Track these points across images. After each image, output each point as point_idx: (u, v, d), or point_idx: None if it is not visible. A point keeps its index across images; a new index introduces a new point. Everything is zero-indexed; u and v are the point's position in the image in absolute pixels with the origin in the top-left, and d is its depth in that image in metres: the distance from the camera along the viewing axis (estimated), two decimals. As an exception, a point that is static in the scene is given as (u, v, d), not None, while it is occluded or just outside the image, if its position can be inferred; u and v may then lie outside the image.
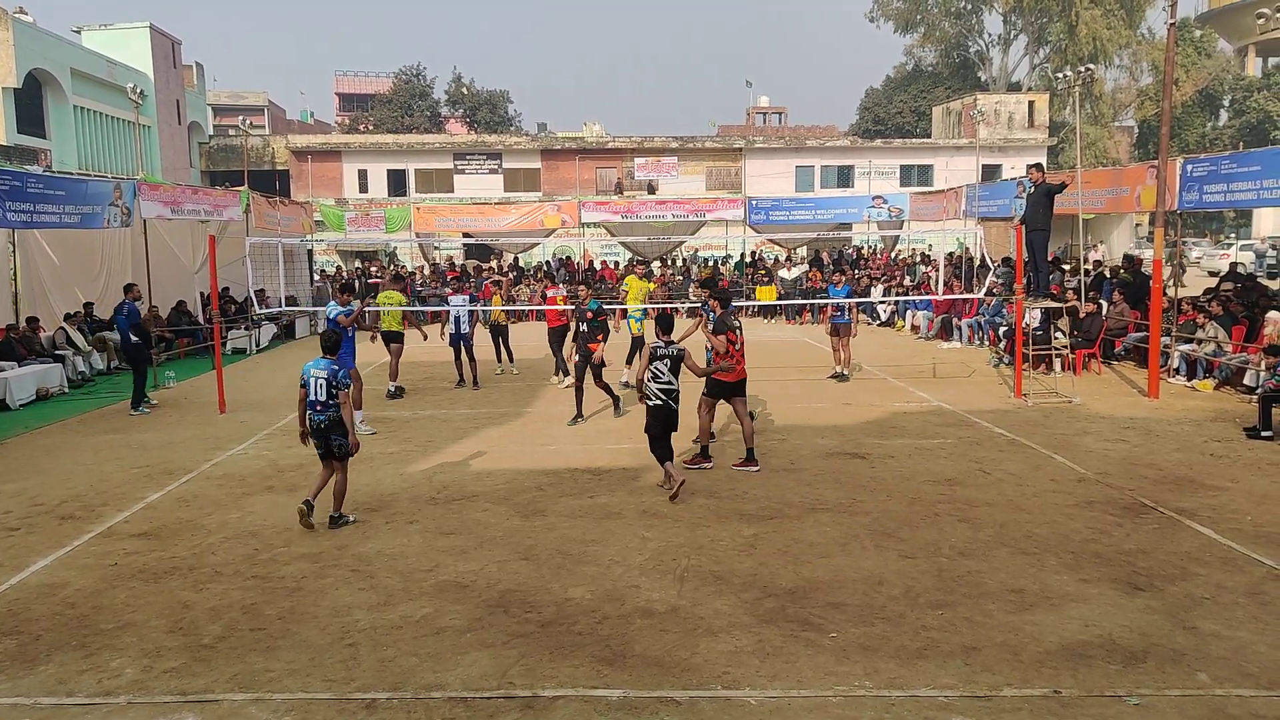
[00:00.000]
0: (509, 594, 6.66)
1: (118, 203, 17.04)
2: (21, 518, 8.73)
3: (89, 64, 35.00)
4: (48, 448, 11.82)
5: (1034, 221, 14.24)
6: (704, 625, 6.08)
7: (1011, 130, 45.20)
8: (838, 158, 43.52)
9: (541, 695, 5.22)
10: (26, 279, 17.84)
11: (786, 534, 7.82)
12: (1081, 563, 7.07)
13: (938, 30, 59.66)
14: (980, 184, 26.62)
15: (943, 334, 21.62)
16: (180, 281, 21.80)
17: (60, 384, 15.95)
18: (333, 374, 7.93)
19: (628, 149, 42.53)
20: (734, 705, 5.10)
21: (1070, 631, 5.89)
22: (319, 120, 69.98)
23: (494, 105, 58.50)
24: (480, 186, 41.37)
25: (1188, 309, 16.36)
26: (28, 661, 5.77)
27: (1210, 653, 5.59)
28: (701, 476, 9.69)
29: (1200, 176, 14.69)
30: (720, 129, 57.87)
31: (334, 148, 42.67)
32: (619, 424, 12.49)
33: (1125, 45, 55.51)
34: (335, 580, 6.99)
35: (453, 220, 32.24)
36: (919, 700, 5.11)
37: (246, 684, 5.41)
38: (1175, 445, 10.80)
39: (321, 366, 7.98)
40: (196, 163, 43.18)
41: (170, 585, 6.96)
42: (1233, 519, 8.06)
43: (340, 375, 7.95)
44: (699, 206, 31.81)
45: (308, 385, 7.99)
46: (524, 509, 8.70)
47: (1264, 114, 57.78)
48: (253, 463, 10.76)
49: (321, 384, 7.92)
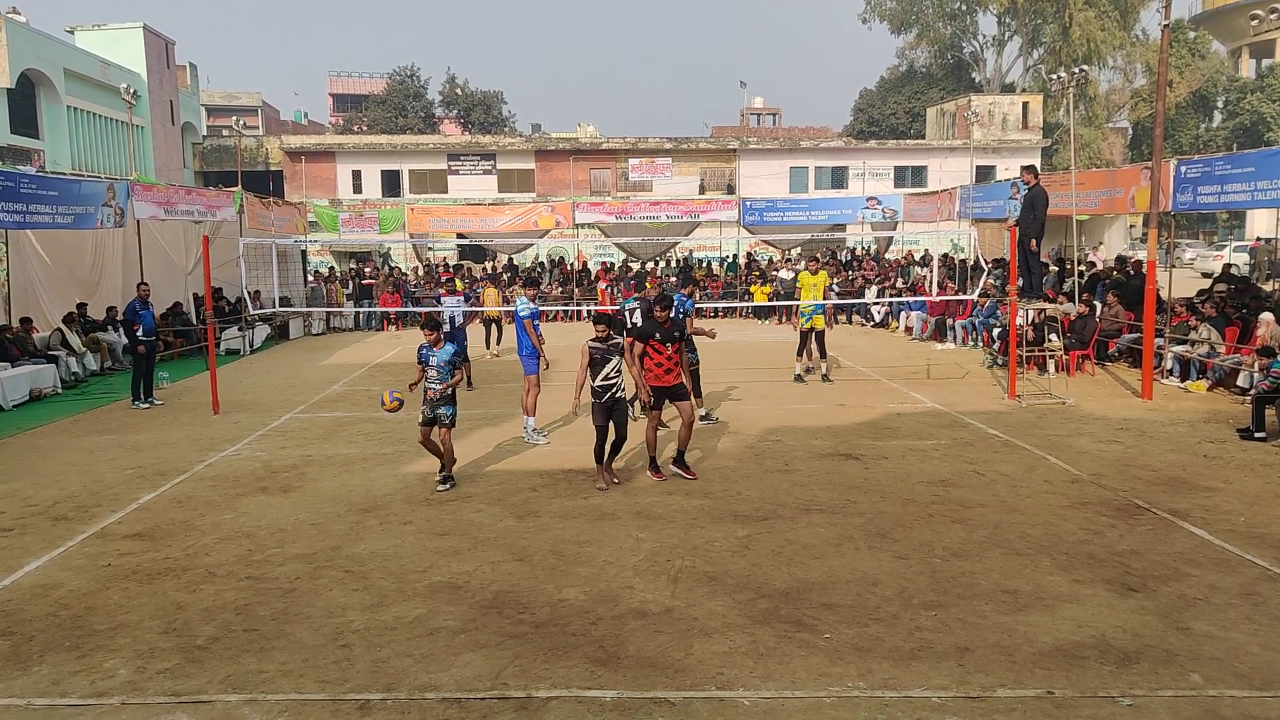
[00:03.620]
0: (503, 595, 6.66)
1: (111, 203, 17.02)
2: (14, 518, 8.71)
3: (82, 64, 34.90)
4: (41, 448, 11.79)
5: (1027, 223, 14.26)
6: (698, 626, 6.09)
7: (1005, 132, 45.28)
8: (832, 159, 43.51)
9: (535, 696, 5.22)
10: (19, 280, 17.79)
11: (780, 535, 7.83)
12: (1075, 564, 7.08)
13: (932, 31, 59.75)
14: (974, 185, 26.66)
15: (936, 335, 21.65)
16: (174, 282, 21.76)
17: (54, 385, 15.90)
18: (453, 356, 9.64)
19: (621, 150, 42.47)
20: (728, 706, 5.10)
21: (1064, 632, 5.90)
22: (313, 121, 69.83)
23: (488, 106, 58.44)
24: (474, 187, 41.30)
25: (1181, 310, 16.41)
26: (21, 662, 5.75)
27: (1203, 653, 5.61)
28: (698, 479, 9.70)
29: (1194, 178, 14.74)
30: (714, 130, 57.90)
31: (328, 148, 42.56)
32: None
33: (1119, 47, 55.62)
34: (329, 581, 6.97)
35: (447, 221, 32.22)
36: (913, 701, 5.11)
37: (240, 685, 5.40)
38: (1169, 446, 10.83)
39: (447, 352, 9.55)
40: (190, 163, 43.08)
41: (164, 586, 6.94)
42: (1226, 520, 8.08)
43: (456, 358, 9.86)
44: (693, 207, 31.83)
45: (426, 363, 9.53)
46: (518, 510, 8.69)
47: (1257, 115, 57.91)
48: (246, 464, 10.73)
49: (445, 366, 9.50)
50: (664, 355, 9.46)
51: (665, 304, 9.66)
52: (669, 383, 9.61)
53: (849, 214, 31.75)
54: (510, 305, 15.70)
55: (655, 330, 9.52)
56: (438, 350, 9.48)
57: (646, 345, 9.50)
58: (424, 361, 9.54)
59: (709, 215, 31.40)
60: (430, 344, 9.50)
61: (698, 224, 31.43)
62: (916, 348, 20.64)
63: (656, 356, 9.47)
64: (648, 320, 9.79)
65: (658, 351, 9.48)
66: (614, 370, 9.37)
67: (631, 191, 41.24)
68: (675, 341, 9.57)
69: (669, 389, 9.65)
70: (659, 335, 9.50)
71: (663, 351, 9.47)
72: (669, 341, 9.51)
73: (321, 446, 11.46)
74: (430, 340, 9.52)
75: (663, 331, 9.53)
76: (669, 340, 9.52)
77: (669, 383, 9.61)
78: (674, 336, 9.56)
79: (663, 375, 9.55)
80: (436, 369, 9.44)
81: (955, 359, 18.38)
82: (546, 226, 31.04)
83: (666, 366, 9.53)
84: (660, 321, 9.55)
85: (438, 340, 9.54)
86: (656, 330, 9.53)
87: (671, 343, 9.52)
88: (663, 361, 9.49)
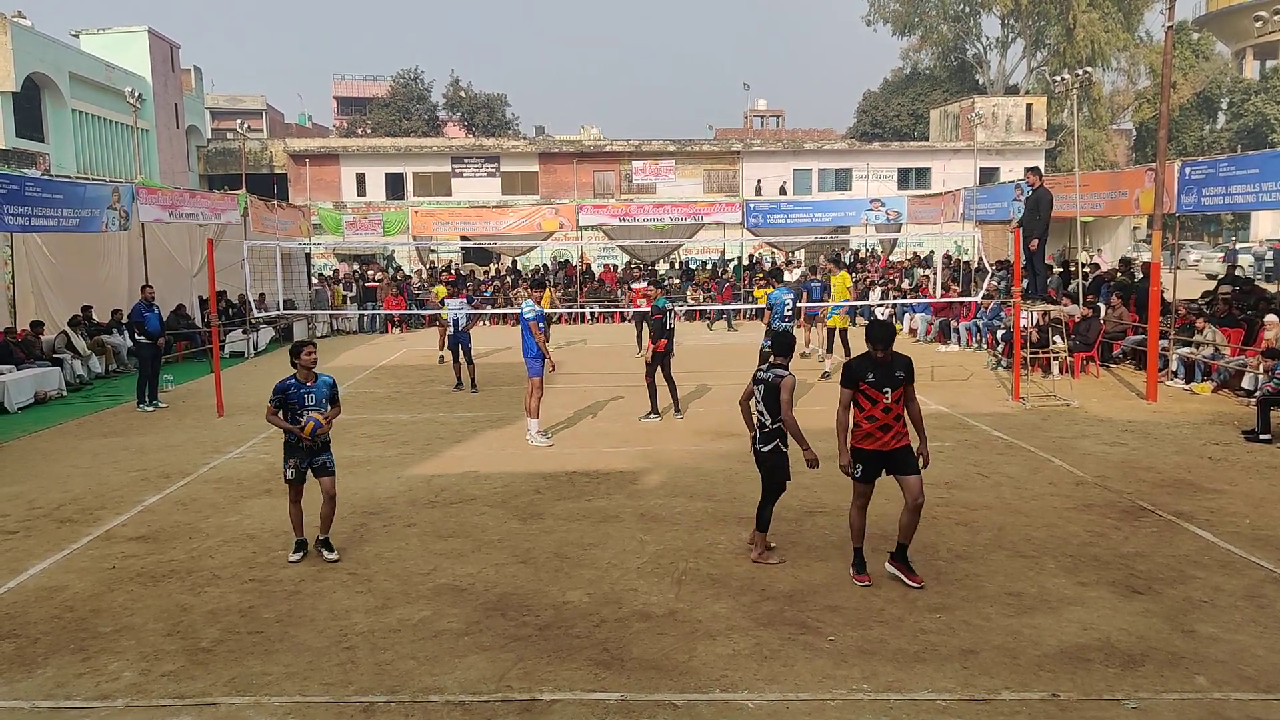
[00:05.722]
0: (507, 597, 6.66)
1: (116, 206, 17.05)
2: (19, 521, 8.72)
3: (87, 68, 35.01)
4: (46, 451, 11.81)
5: (1031, 225, 14.25)
6: (702, 628, 6.08)
7: (1009, 133, 45.29)
8: (835, 160, 43.58)
9: (539, 698, 5.22)
10: (25, 282, 17.83)
11: (784, 538, 7.82)
12: (1080, 566, 7.07)
13: (935, 33, 59.73)
14: (978, 187, 26.64)
15: (941, 337, 21.63)
16: (178, 285, 21.79)
17: (58, 387, 15.93)
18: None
19: (625, 152, 42.57)
20: (732, 708, 5.10)
21: (1068, 635, 5.89)
22: (317, 124, 69.96)
23: (492, 109, 58.49)
24: (478, 190, 41.39)
25: (1184, 312, 16.37)
26: (26, 665, 5.76)
27: (1208, 656, 5.59)
28: (699, 480, 9.69)
29: (1198, 179, 14.72)
30: (718, 132, 57.91)
31: (332, 151, 42.68)
32: (616, 427, 12.49)
33: (1123, 48, 55.59)
34: (333, 583, 6.98)
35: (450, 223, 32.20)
36: (917, 704, 5.10)
37: (244, 687, 5.41)
38: (1173, 448, 10.81)
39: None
40: (194, 166, 43.20)
41: (168, 588, 6.95)
42: (1231, 522, 8.06)
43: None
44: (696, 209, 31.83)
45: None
46: (522, 512, 8.69)
47: (1261, 117, 57.86)
48: (250, 466, 10.75)
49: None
50: (879, 406, 6.70)
51: (885, 336, 6.78)
52: (888, 445, 6.73)
53: (853, 216, 31.72)
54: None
55: (868, 370, 6.77)
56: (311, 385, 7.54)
57: (856, 392, 6.78)
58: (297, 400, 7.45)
59: (712, 217, 31.40)
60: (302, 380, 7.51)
61: (701, 226, 31.45)
62: (921, 349, 20.60)
63: (869, 408, 6.72)
64: (859, 358, 6.96)
65: (871, 400, 6.72)
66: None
67: (635, 194, 41.26)
68: (898, 387, 6.72)
69: (887, 455, 6.76)
70: (872, 377, 6.73)
71: (879, 400, 6.70)
72: (889, 387, 6.69)
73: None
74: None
75: (879, 371, 6.73)
76: (888, 385, 6.69)
77: (888, 445, 6.73)
78: (896, 379, 6.70)
79: (877, 433, 6.73)
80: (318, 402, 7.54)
81: (959, 361, 18.36)
82: (550, 229, 31.00)
83: (883, 422, 6.71)
84: (878, 358, 6.77)
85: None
86: (870, 370, 6.77)
87: (893, 388, 6.69)
88: (877, 415, 6.70)
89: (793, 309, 14.57)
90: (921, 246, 34.68)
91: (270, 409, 7.42)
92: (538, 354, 11.57)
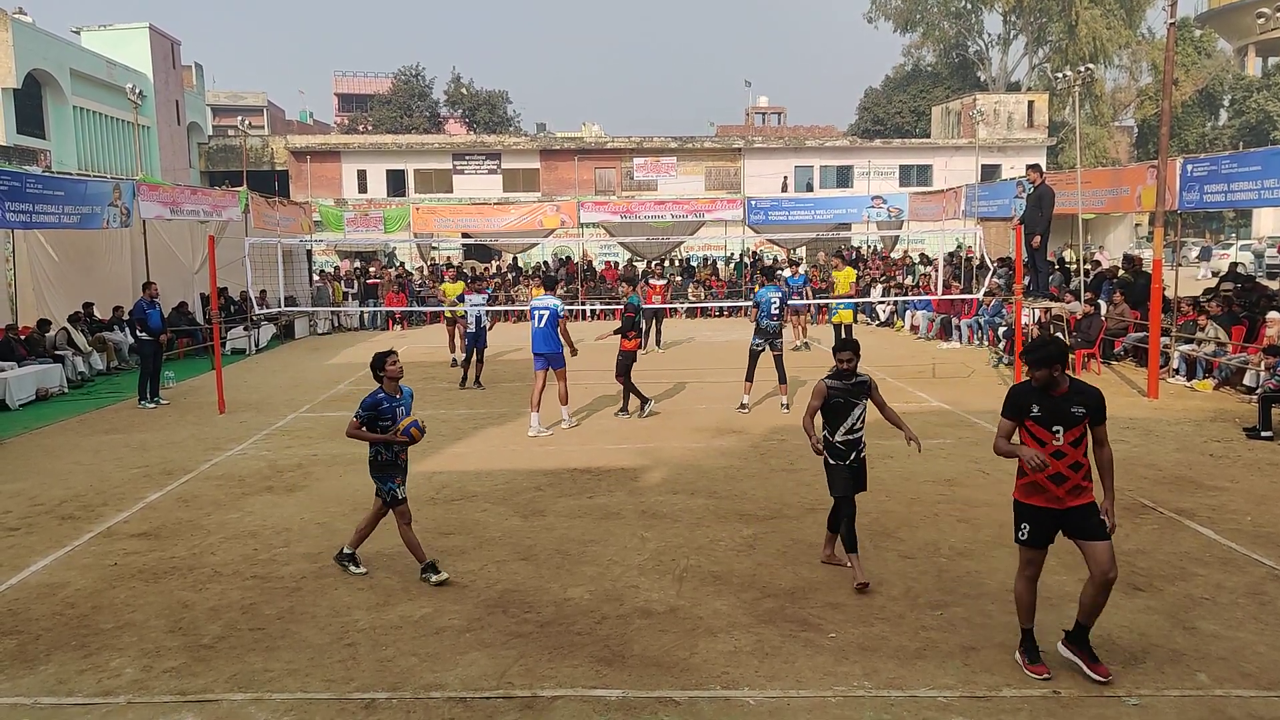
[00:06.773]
0: (508, 594, 6.66)
1: (117, 203, 17.05)
2: (21, 518, 8.73)
3: (88, 64, 34.99)
4: (47, 448, 11.82)
5: (1033, 222, 14.24)
6: (703, 625, 6.08)
7: (1011, 130, 45.22)
8: (837, 158, 43.53)
9: (541, 695, 5.22)
10: (26, 279, 17.84)
11: (785, 534, 7.83)
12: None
13: (937, 30, 59.68)
14: (980, 184, 26.61)
15: (942, 334, 21.63)
16: (179, 282, 21.80)
17: (60, 384, 15.95)
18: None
19: (626, 149, 42.53)
20: (733, 705, 5.10)
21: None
22: (318, 120, 69.98)
23: (493, 105, 58.48)
24: (479, 187, 41.36)
25: (1187, 309, 16.36)
26: (27, 661, 5.77)
27: (1210, 653, 5.60)
28: (700, 477, 9.70)
29: (1200, 176, 14.70)
30: (719, 129, 57.87)
31: (333, 148, 42.66)
32: (618, 424, 12.49)
33: (1125, 45, 55.52)
34: (334, 580, 6.99)
35: (452, 220, 32.24)
36: (918, 700, 5.10)
37: (246, 684, 5.41)
38: (1175, 445, 10.80)
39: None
40: (195, 163, 43.17)
41: (170, 585, 6.96)
42: (1232, 519, 8.05)
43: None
44: (698, 207, 31.83)
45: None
46: (523, 509, 8.70)
47: (1264, 114, 57.80)
48: (252, 463, 10.75)
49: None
50: (1048, 450, 5.20)
51: (1051, 357, 5.21)
52: (1063, 502, 5.23)
53: (854, 213, 31.69)
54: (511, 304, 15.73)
55: (1034, 401, 5.27)
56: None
57: (1019, 428, 5.37)
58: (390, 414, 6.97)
59: (714, 214, 31.42)
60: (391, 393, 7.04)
61: (703, 223, 31.46)
62: (922, 347, 20.61)
63: (1039, 449, 5.21)
64: (1025, 385, 5.41)
65: (1039, 442, 5.24)
66: (858, 421, 6.89)
67: (636, 191, 41.25)
68: (1074, 425, 5.21)
69: (1066, 514, 5.26)
70: (1039, 412, 5.24)
71: (1046, 443, 5.21)
72: (1060, 425, 5.20)
73: (327, 446, 11.46)
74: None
75: (1048, 405, 5.23)
76: (1059, 423, 5.20)
77: (1063, 502, 5.23)
78: (1073, 417, 5.20)
79: (1046, 484, 5.21)
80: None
81: (961, 358, 18.35)
82: (551, 226, 30.99)
83: (1054, 470, 5.17)
84: (1046, 385, 5.25)
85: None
86: (1036, 401, 5.27)
87: (1066, 427, 5.20)
88: (1047, 460, 5.16)
89: (779, 307, 14.50)
90: (923, 244, 34.64)
91: (354, 423, 6.88)
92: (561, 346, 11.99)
